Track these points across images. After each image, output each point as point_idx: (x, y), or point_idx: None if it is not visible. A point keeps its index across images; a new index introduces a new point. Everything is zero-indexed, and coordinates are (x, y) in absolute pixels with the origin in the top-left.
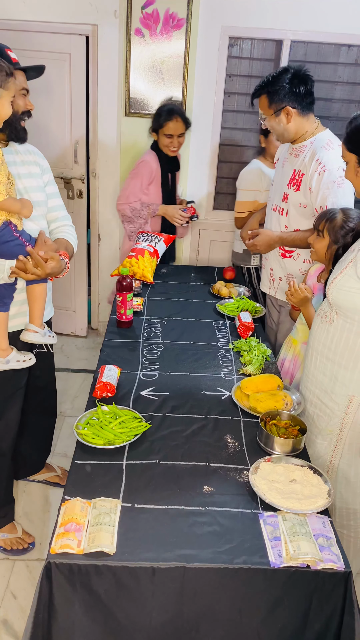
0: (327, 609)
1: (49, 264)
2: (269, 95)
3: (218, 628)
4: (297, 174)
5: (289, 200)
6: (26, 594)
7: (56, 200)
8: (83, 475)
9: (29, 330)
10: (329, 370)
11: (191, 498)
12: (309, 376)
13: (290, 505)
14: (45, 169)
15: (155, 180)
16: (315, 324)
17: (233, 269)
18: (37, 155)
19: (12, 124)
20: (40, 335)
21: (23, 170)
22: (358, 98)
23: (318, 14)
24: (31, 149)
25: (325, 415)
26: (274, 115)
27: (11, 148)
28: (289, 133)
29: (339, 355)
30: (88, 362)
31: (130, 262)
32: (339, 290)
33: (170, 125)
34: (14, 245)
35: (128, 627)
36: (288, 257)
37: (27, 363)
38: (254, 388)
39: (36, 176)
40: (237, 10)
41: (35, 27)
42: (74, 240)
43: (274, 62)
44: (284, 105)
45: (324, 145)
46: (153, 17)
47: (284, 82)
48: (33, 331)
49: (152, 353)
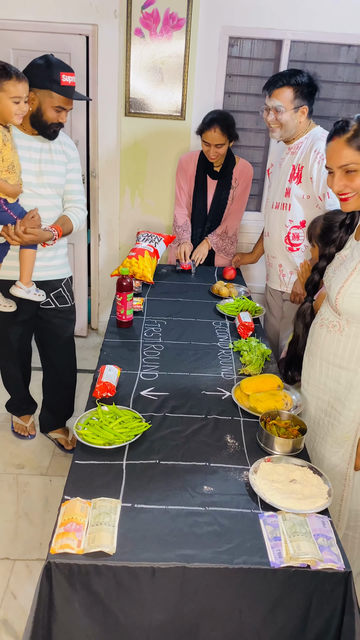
0: (327, 609)
1: (27, 235)
2: (297, 89)
3: (218, 628)
4: (297, 167)
5: (291, 194)
6: (26, 594)
7: (75, 186)
8: (83, 475)
9: (17, 286)
10: (343, 379)
11: (191, 498)
12: (318, 386)
13: (290, 505)
14: (72, 158)
15: (190, 181)
16: (320, 334)
17: (234, 269)
18: (66, 145)
19: (42, 129)
20: (25, 291)
21: (46, 156)
22: (358, 98)
23: (318, 14)
24: (63, 140)
25: (340, 423)
26: (293, 110)
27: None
28: (295, 131)
29: (354, 363)
30: (88, 362)
31: (130, 262)
32: (350, 298)
33: (208, 134)
34: (1, 214)
35: (128, 627)
36: (295, 250)
37: (6, 308)
38: (254, 388)
39: (59, 163)
40: (237, 10)
41: (35, 27)
42: (76, 220)
43: (274, 62)
44: (305, 104)
45: (320, 137)
46: (153, 17)
47: (312, 83)
48: (19, 287)
49: (152, 353)
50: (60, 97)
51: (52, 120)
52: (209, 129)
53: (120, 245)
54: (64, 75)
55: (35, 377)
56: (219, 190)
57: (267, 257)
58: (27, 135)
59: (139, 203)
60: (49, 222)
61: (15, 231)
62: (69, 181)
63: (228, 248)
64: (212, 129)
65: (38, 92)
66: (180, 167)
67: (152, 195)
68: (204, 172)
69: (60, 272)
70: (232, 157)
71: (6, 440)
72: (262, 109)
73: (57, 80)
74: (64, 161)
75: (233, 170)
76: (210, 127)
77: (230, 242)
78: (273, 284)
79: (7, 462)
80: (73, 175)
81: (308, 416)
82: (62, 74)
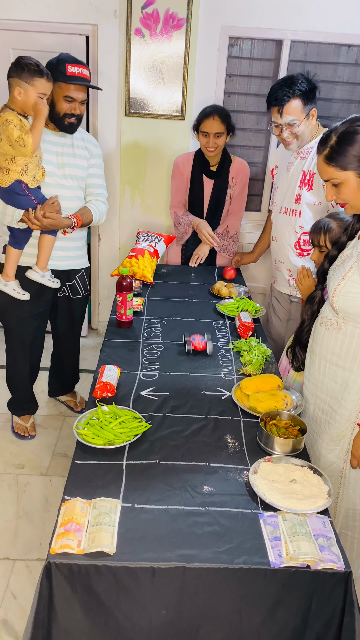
0: (327, 609)
1: (46, 219)
2: (303, 97)
3: (218, 628)
4: (308, 174)
5: (302, 201)
6: (26, 594)
7: (96, 180)
8: (83, 475)
9: (33, 270)
10: (339, 377)
11: (191, 498)
12: (317, 384)
13: (290, 506)
14: (94, 154)
15: (187, 182)
16: (320, 332)
17: (234, 269)
18: (89, 142)
19: (58, 121)
20: (39, 275)
21: (68, 150)
22: (358, 98)
23: (318, 14)
24: (86, 137)
25: (335, 422)
26: (305, 119)
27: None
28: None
29: (350, 362)
30: (88, 362)
31: (130, 262)
32: (345, 297)
33: (206, 123)
34: (23, 198)
35: (128, 627)
36: (306, 255)
37: (19, 296)
38: (254, 388)
39: (80, 157)
40: (237, 10)
41: (35, 27)
42: (96, 211)
43: (274, 62)
44: (312, 106)
45: None
46: (153, 17)
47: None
48: (34, 271)
49: (152, 353)
50: (67, 86)
51: (64, 110)
52: (207, 118)
53: (120, 245)
54: (70, 67)
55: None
56: (216, 189)
57: (275, 262)
58: (47, 130)
59: (139, 203)
60: (69, 212)
61: (35, 215)
62: (91, 175)
63: (230, 247)
64: (212, 117)
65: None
66: (176, 168)
67: (152, 195)
68: (200, 172)
69: (77, 263)
70: (228, 156)
71: (6, 440)
72: (271, 127)
73: (63, 72)
74: (86, 156)
75: (230, 168)
76: (209, 116)
77: (232, 241)
78: (282, 288)
79: (7, 462)
80: (95, 170)
81: (307, 414)
82: (68, 65)
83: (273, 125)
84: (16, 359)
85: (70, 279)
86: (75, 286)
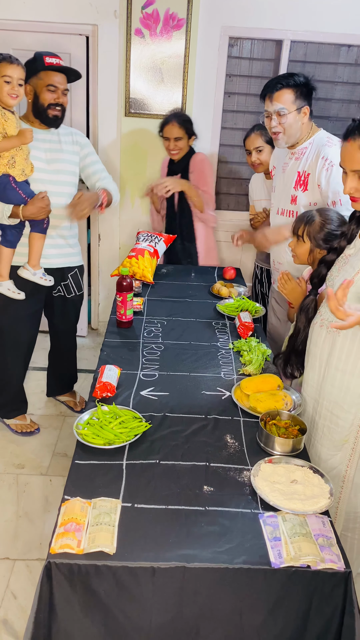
0: (328, 609)
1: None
2: (296, 90)
3: (218, 628)
4: (303, 175)
5: (298, 202)
6: (26, 594)
7: (98, 165)
8: (83, 475)
9: (24, 268)
10: (338, 381)
11: (191, 498)
12: (316, 388)
13: (293, 507)
14: (84, 144)
15: None
16: (320, 335)
17: (234, 269)
18: (76, 135)
19: (41, 113)
20: (31, 274)
21: (55, 145)
22: (358, 98)
23: (318, 14)
24: (73, 131)
25: (338, 426)
26: (296, 111)
27: (52, 130)
28: (299, 133)
29: (351, 365)
30: (88, 362)
31: (130, 262)
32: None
33: (166, 128)
34: (11, 193)
35: (128, 627)
36: None
37: (15, 295)
38: (254, 388)
39: (70, 152)
40: (237, 10)
41: (35, 27)
42: (113, 189)
43: (274, 62)
44: (305, 104)
45: (326, 143)
46: (153, 17)
47: (310, 84)
48: (26, 269)
49: (152, 353)
50: (48, 74)
51: (48, 100)
52: (167, 124)
53: (120, 245)
54: (48, 58)
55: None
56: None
57: (273, 263)
58: (33, 127)
59: (139, 203)
60: (59, 207)
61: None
62: (92, 163)
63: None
64: (171, 123)
65: (32, 81)
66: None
67: None
68: (170, 170)
69: (70, 260)
70: (191, 153)
71: (6, 440)
72: (263, 117)
73: (41, 63)
74: (76, 151)
75: (189, 162)
76: (168, 122)
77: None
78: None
79: (7, 462)
80: (92, 157)
81: (306, 417)
82: (45, 57)
83: (265, 115)
84: (8, 357)
85: (65, 278)
86: (69, 285)
